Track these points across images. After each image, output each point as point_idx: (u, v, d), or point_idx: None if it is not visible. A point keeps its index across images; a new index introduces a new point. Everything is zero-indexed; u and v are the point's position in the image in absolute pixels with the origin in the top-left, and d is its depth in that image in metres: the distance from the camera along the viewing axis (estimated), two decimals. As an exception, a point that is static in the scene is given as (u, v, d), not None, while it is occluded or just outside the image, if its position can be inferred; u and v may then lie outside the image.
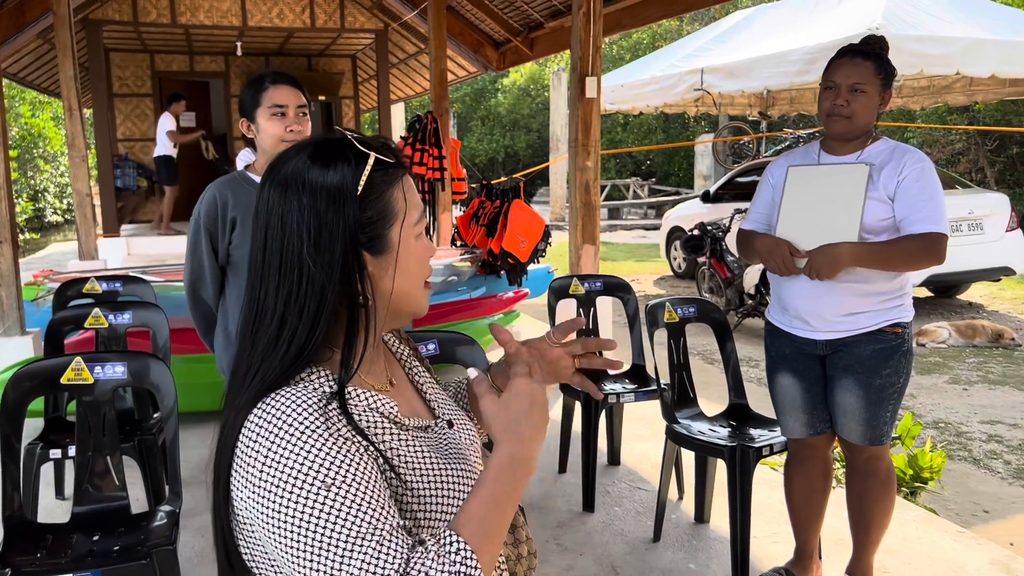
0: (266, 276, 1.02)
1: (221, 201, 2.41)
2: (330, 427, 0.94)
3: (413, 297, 1.08)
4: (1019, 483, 4.12)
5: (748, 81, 8.40)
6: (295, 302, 0.99)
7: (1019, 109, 13.56)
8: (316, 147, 1.04)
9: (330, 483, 0.90)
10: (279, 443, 0.92)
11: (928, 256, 2.35)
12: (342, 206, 0.99)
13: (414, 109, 21.92)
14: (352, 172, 1.01)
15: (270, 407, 0.95)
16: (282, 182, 1.02)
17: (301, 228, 0.99)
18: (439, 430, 1.13)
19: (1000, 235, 7.83)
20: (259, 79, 2.42)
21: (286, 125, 2.38)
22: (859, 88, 2.38)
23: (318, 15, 9.96)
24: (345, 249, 0.99)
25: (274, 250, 1.01)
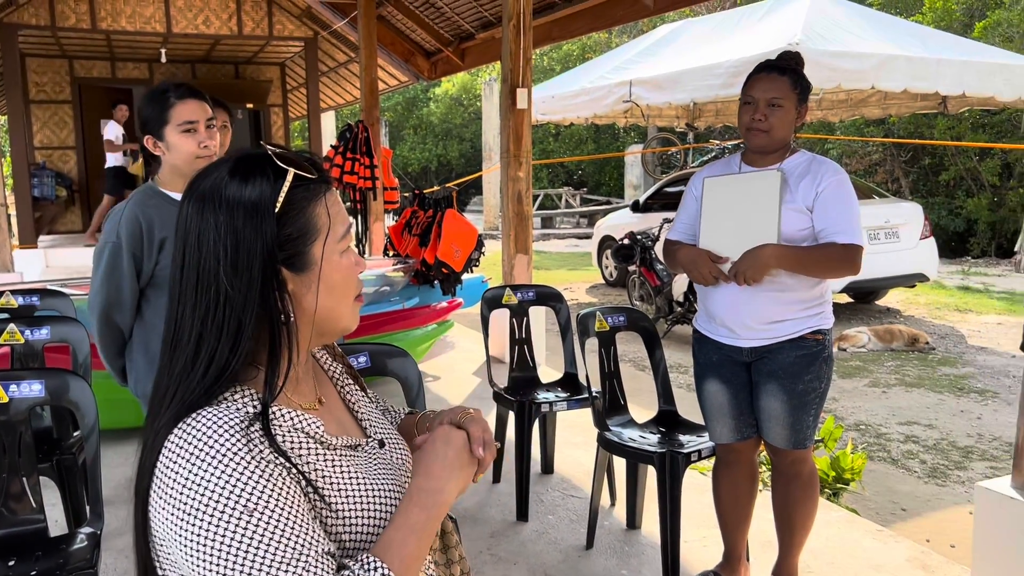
0: (184, 295, 0.99)
1: (146, 223, 2.32)
2: (252, 449, 0.91)
3: (340, 314, 1.07)
4: (934, 482, 4.29)
5: (675, 93, 8.57)
6: (212, 322, 0.97)
7: (930, 122, 14.17)
8: (236, 163, 1.02)
9: (252, 507, 0.88)
10: (198, 465, 0.89)
11: (846, 266, 2.45)
12: (259, 223, 0.97)
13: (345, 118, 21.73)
14: (271, 188, 0.99)
15: (190, 428, 0.92)
16: (200, 198, 1.00)
17: (217, 246, 0.97)
18: (370, 449, 1.12)
19: (915, 243, 8.16)
20: (163, 94, 2.33)
21: (198, 141, 2.32)
22: (776, 103, 2.46)
23: (245, 22, 9.80)
24: (263, 267, 0.97)
25: (191, 268, 0.99)
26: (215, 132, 2.38)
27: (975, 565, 2.75)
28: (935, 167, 15.11)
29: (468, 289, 6.18)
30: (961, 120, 13.71)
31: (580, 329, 3.30)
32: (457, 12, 8.45)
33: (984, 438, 4.91)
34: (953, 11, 14.71)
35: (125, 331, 2.43)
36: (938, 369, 6.51)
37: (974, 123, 13.93)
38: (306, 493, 0.96)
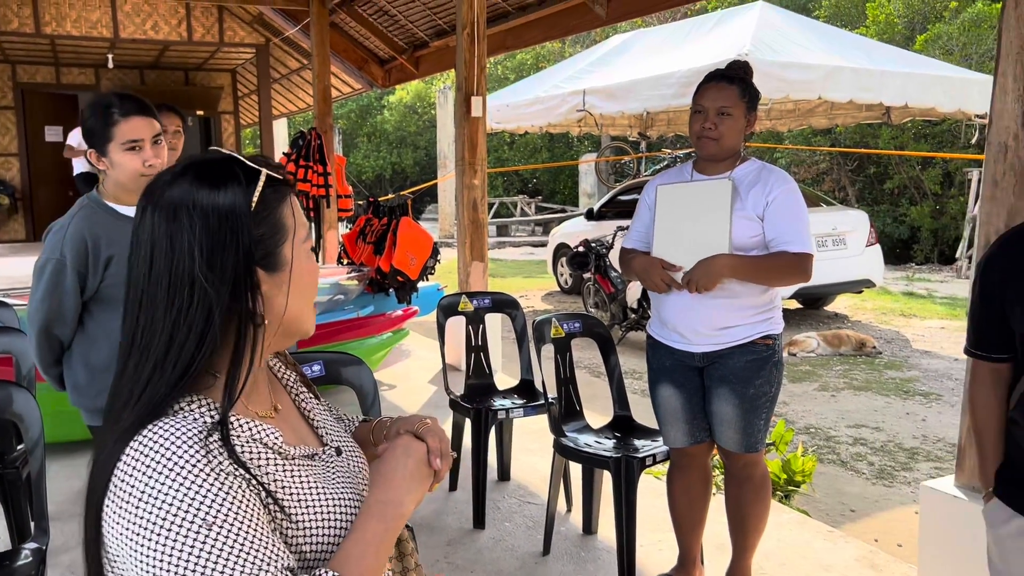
0: (152, 300, 0.97)
1: (92, 240, 2.26)
2: (211, 461, 0.90)
3: (304, 316, 1.08)
4: (882, 483, 4.39)
5: (628, 103, 8.66)
6: (184, 320, 0.96)
7: (875, 132, 14.55)
8: (199, 168, 1.01)
9: (211, 521, 0.87)
10: (155, 478, 0.88)
11: (797, 274, 2.51)
12: (236, 223, 0.98)
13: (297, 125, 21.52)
14: (243, 190, 0.99)
15: (147, 439, 0.91)
16: (169, 206, 0.99)
17: (193, 246, 0.96)
18: (327, 458, 1.11)
19: (861, 250, 8.36)
20: (106, 108, 2.26)
21: (144, 159, 2.26)
22: (725, 111, 2.51)
23: (195, 28, 9.67)
24: (238, 266, 0.98)
25: (162, 271, 0.97)
26: (162, 148, 2.32)
27: (921, 563, 2.82)
28: (880, 176, 15.51)
29: (424, 297, 6.16)
30: (904, 130, 14.10)
31: (536, 336, 3.31)
32: (411, 20, 8.45)
33: (929, 439, 5.04)
34: (895, 24, 15.13)
35: (65, 342, 2.38)
36: (885, 373, 6.67)
37: (916, 133, 14.33)
38: (266, 505, 0.95)
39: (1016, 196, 2.50)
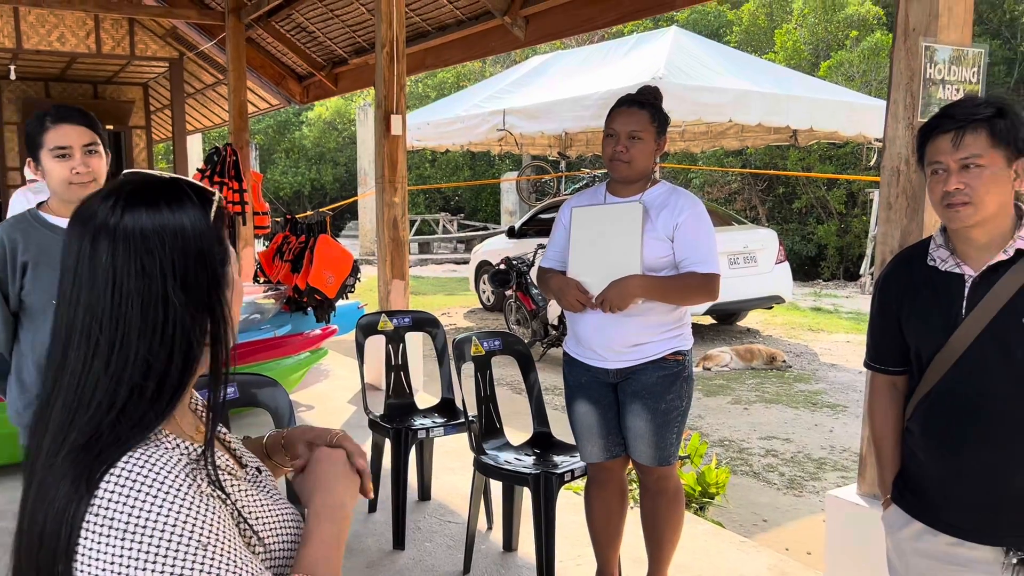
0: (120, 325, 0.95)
1: (10, 246, 2.24)
2: (193, 484, 0.91)
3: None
4: (792, 492, 4.55)
5: (547, 123, 8.80)
6: (162, 346, 0.95)
7: (783, 154, 15.13)
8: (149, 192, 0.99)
9: (206, 542, 0.88)
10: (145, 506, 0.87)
11: (705, 293, 2.61)
12: (204, 245, 0.98)
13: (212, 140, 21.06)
14: (201, 212, 1.00)
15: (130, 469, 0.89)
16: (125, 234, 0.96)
17: (165, 268, 0.95)
18: (251, 476, 1.11)
19: (771, 267, 8.65)
20: (41, 117, 2.27)
21: (71, 167, 2.25)
22: (636, 135, 2.59)
23: (105, 40, 9.39)
24: (210, 287, 0.99)
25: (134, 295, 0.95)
26: (94, 158, 2.30)
27: (828, 568, 2.93)
28: (788, 196, 16.11)
29: (343, 316, 6.09)
30: (811, 152, 14.70)
31: (456, 354, 3.33)
32: (330, 37, 8.40)
33: (836, 450, 5.24)
34: (802, 51, 15.79)
35: (5, 352, 2.34)
36: (794, 386, 6.90)
37: (822, 155, 14.96)
38: (237, 524, 0.97)
39: (908, 218, 2.64)
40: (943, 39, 2.56)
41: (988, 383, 1.72)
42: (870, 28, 15.39)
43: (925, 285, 1.82)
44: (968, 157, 1.68)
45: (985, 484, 1.74)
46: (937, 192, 1.74)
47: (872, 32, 15.08)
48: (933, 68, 2.55)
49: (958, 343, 1.74)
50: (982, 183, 1.68)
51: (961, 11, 2.58)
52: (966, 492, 1.76)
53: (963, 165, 1.69)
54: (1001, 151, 1.68)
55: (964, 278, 1.76)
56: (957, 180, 1.69)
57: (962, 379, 1.75)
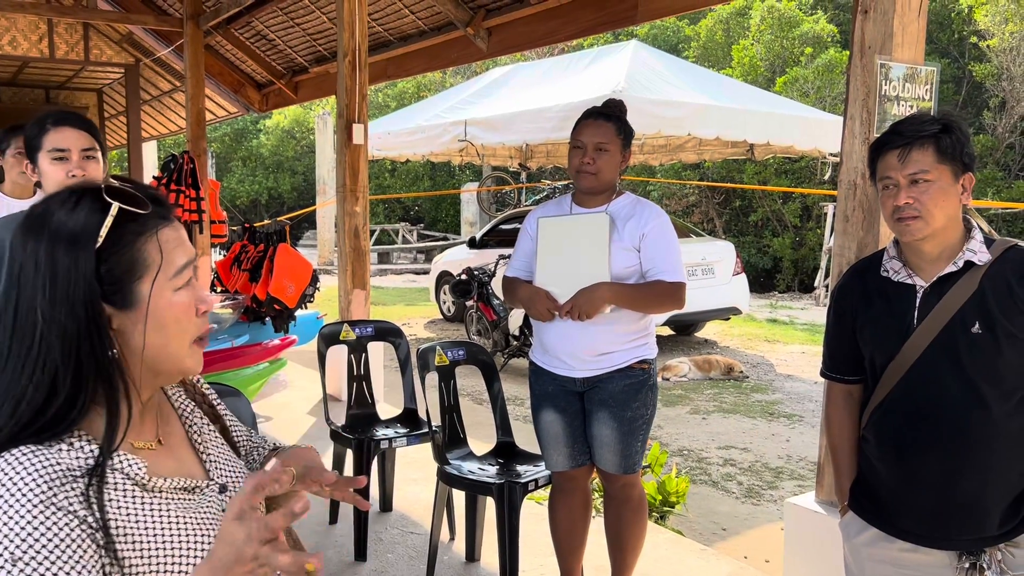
0: (5, 329, 0.94)
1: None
2: (46, 493, 0.88)
3: (173, 353, 1.03)
4: (750, 501, 4.61)
5: (508, 134, 8.83)
6: (27, 359, 0.92)
7: (740, 167, 15.38)
8: (68, 193, 0.99)
9: (18, 556, 0.84)
10: None
11: (672, 301, 2.64)
12: (78, 256, 0.94)
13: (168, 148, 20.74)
14: (95, 220, 0.96)
15: None
16: (27, 226, 0.96)
17: (37, 278, 0.93)
18: (208, 492, 1.08)
19: (728, 279, 8.78)
20: (42, 119, 2.28)
21: (67, 170, 2.25)
22: (603, 147, 2.62)
23: (58, 45, 9.20)
24: (84, 302, 0.94)
25: (11, 300, 0.94)
26: (92, 163, 2.30)
27: (786, 575, 2.98)
28: (745, 209, 16.38)
29: (302, 326, 6.03)
30: (767, 166, 14.97)
31: (420, 364, 3.32)
32: (290, 45, 8.34)
33: (792, 459, 5.33)
34: (758, 67, 16.09)
35: None
36: (751, 396, 7.00)
37: (778, 169, 15.24)
38: (100, 545, 0.92)
39: (864, 231, 2.71)
40: (897, 57, 2.63)
41: (939, 391, 1.76)
42: (824, 45, 15.75)
43: (879, 295, 1.87)
44: (916, 172, 1.74)
45: (937, 490, 1.78)
46: (888, 206, 1.79)
47: (826, 49, 15.43)
48: (888, 85, 2.62)
49: (910, 352, 1.78)
50: (930, 197, 1.73)
51: (915, 30, 2.66)
52: (919, 498, 1.81)
53: (911, 180, 1.74)
54: (948, 166, 1.74)
55: (916, 289, 1.81)
56: (906, 195, 1.74)
57: (914, 387, 1.79)
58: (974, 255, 1.76)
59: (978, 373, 1.72)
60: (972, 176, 1.78)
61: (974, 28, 14.88)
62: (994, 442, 1.73)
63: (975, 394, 1.73)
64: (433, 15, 6.62)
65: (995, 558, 1.76)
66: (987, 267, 1.75)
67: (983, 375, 1.72)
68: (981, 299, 1.73)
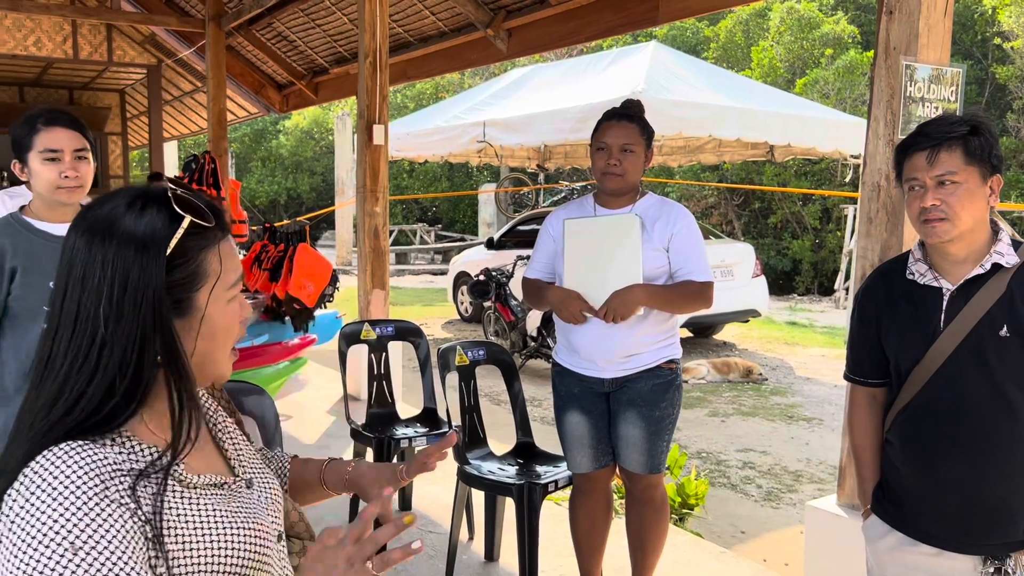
0: (61, 328, 0.96)
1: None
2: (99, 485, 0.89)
3: (216, 361, 1.06)
4: (769, 504, 4.58)
5: (526, 136, 8.84)
6: (84, 363, 0.94)
7: (760, 169, 15.30)
8: (133, 198, 0.99)
9: (79, 546, 0.86)
10: (37, 496, 0.87)
11: (703, 301, 2.66)
12: (148, 265, 0.96)
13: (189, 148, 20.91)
14: (166, 230, 0.98)
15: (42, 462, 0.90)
16: (89, 230, 0.97)
17: (102, 284, 0.94)
18: (236, 488, 1.10)
19: (747, 281, 8.73)
20: (32, 119, 2.26)
21: (60, 171, 2.23)
22: (628, 148, 2.62)
23: (82, 46, 9.30)
24: (149, 311, 0.96)
25: (72, 301, 0.95)
26: (84, 164, 2.29)
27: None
28: (764, 211, 16.29)
29: (321, 325, 6.06)
30: (786, 168, 14.88)
31: (441, 363, 3.33)
32: (311, 46, 8.39)
33: (812, 462, 5.29)
34: (778, 68, 16.01)
35: None
36: (770, 399, 6.97)
37: (798, 171, 15.15)
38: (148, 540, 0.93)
39: (888, 232, 2.69)
40: (923, 58, 2.62)
41: (966, 395, 1.75)
42: (845, 47, 15.65)
43: (904, 298, 1.85)
44: (943, 174, 1.72)
45: (963, 494, 1.77)
46: (914, 208, 1.78)
47: (847, 50, 15.33)
48: (913, 86, 2.60)
49: (936, 355, 1.77)
50: (957, 199, 1.71)
51: (940, 31, 2.65)
52: (944, 503, 1.80)
53: (939, 182, 1.73)
54: (976, 168, 1.72)
55: (942, 291, 1.79)
56: (933, 196, 1.73)
57: (940, 391, 1.78)
58: (1002, 257, 1.75)
59: (1006, 377, 1.71)
60: (1000, 178, 1.77)
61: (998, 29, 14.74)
62: (1021, 446, 1.72)
63: (1003, 398, 1.71)
64: (453, 16, 6.64)
65: (1020, 563, 1.74)
66: (1015, 270, 1.74)
67: (1011, 379, 1.71)
68: (1010, 302, 1.72)
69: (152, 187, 1.03)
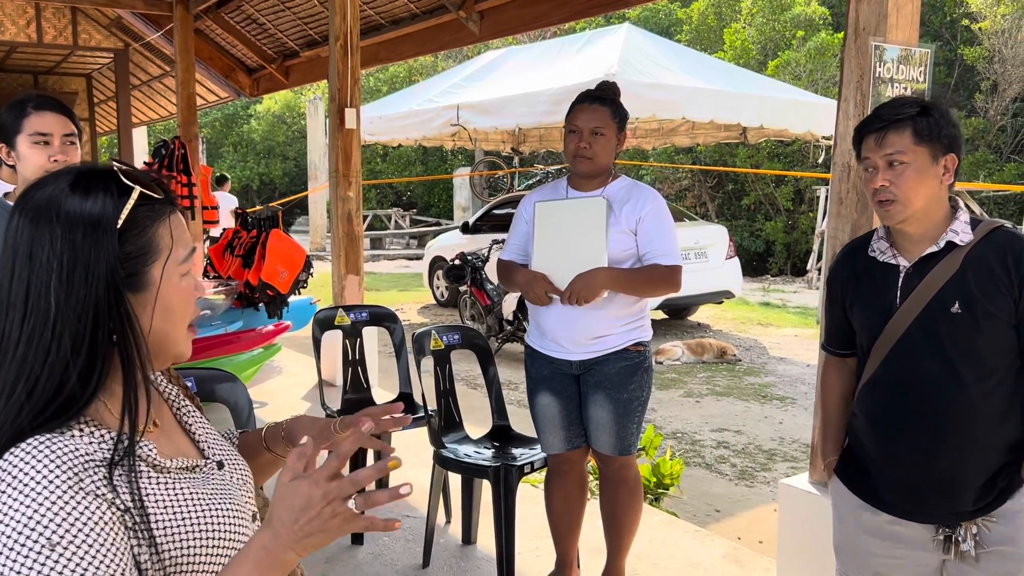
0: (11, 310, 0.94)
1: None
2: (74, 478, 0.89)
3: (173, 339, 1.05)
4: (743, 483, 4.64)
5: (501, 119, 8.80)
6: (39, 342, 0.93)
7: (733, 151, 15.37)
8: (78, 176, 0.98)
9: (56, 541, 0.85)
10: (10, 494, 0.86)
11: (670, 285, 2.66)
12: (100, 239, 0.95)
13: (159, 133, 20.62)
14: (113, 204, 0.97)
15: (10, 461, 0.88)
16: (35, 209, 0.96)
17: (52, 261, 0.93)
18: (208, 470, 1.10)
19: (721, 263, 8.79)
20: (21, 103, 2.26)
21: (49, 155, 2.24)
22: (599, 131, 2.62)
23: (46, 30, 9.12)
24: (102, 285, 0.95)
25: (20, 282, 0.94)
26: (73, 148, 2.30)
27: (779, 555, 3.00)
28: (737, 192, 16.38)
29: (296, 311, 6.03)
30: (759, 150, 14.96)
31: (416, 348, 3.32)
32: (281, 29, 8.28)
33: (785, 441, 5.36)
34: (750, 50, 16.05)
35: None
36: (744, 379, 7.03)
37: (770, 153, 15.24)
38: (130, 528, 0.93)
39: (858, 213, 2.72)
40: (892, 39, 2.63)
41: (919, 370, 1.79)
42: (816, 28, 15.72)
43: (866, 275, 1.90)
44: (892, 154, 1.76)
45: (916, 466, 1.82)
46: (870, 189, 1.82)
47: (818, 32, 15.40)
48: (882, 67, 2.62)
49: (893, 331, 1.82)
50: (905, 180, 1.75)
51: (909, 12, 2.66)
52: (900, 473, 1.85)
53: (888, 162, 1.76)
54: (926, 148, 1.75)
55: (899, 269, 1.84)
56: (883, 177, 1.77)
57: (897, 366, 1.83)
58: (956, 236, 1.78)
59: (957, 353, 1.75)
60: (955, 157, 1.79)
61: (966, 10, 14.87)
62: (972, 421, 1.76)
63: (954, 373, 1.76)
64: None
65: (970, 532, 1.79)
66: (969, 247, 1.77)
67: (961, 355, 1.75)
68: (962, 279, 1.75)
69: (94, 165, 1.02)
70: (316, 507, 0.89)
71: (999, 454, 1.78)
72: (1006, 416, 1.77)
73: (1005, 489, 1.78)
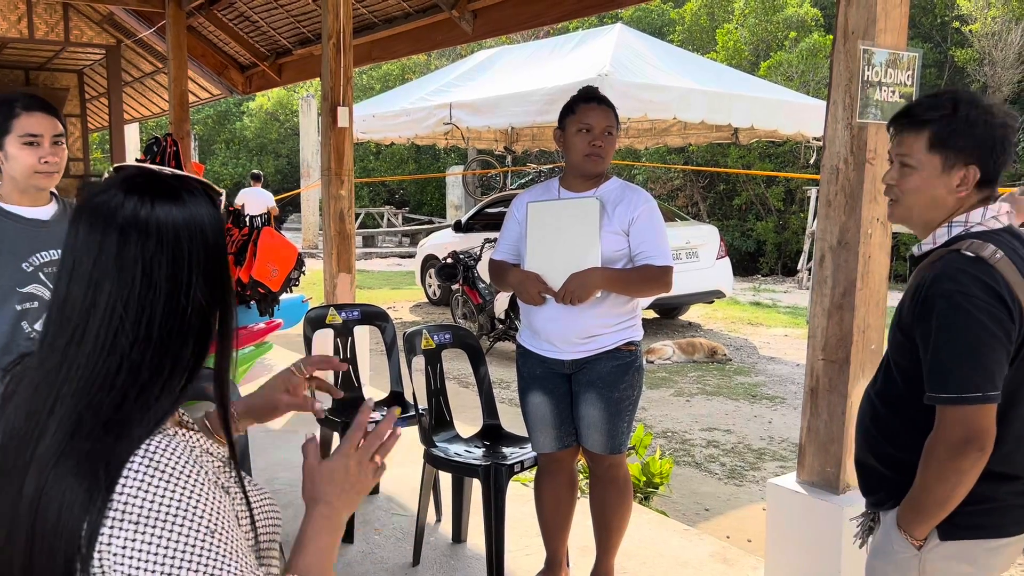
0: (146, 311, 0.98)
1: None
2: (200, 471, 0.96)
3: None
4: (733, 482, 4.66)
5: (494, 118, 8.80)
6: (181, 333, 1.00)
7: (724, 151, 15.41)
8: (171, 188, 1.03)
9: (213, 528, 0.93)
10: (167, 495, 0.93)
11: (661, 285, 2.68)
12: (219, 237, 1.04)
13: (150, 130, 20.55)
14: (214, 205, 1.05)
15: (150, 461, 0.93)
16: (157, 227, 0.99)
17: (192, 261, 1.00)
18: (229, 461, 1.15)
19: (712, 262, 8.82)
20: (9, 103, 2.25)
21: (40, 156, 2.24)
22: (610, 131, 2.67)
23: (38, 26, 9.07)
24: (224, 277, 1.04)
25: (163, 284, 0.99)
26: (61, 149, 2.30)
27: (767, 554, 3.02)
28: (729, 192, 16.43)
29: (287, 309, 6.02)
30: (751, 150, 15.01)
31: (407, 347, 3.34)
32: (274, 27, 8.27)
33: (775, 440, 5.39)
34: (742, 51, 16.10)
35: None
36: (734, 378, 7.07)
37: (762, 153, 15.29)
38: (238, 514, 1.02)
39: (847, 215, 2.74)
40: (880, 43, 2.66)
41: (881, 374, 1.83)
42: (808, 30, 15.78)
43: None
44: (903, 156, 1.71)
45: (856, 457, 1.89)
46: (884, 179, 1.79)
47: (810, 33, 15.46)
48: (871, 70, 2.64)
49: None
50: (909, 185, 1.70)
51: (897, 15, 2.68)
52: None
53: (901, 163, 1.72)
54: (939, 156, 1.66)
55: None
56: (891, 175, 1.74)
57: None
58: (919, 250, 1.74)
59: (892, 359, 1.77)
60: (977, 169, 1.65)
61: (957, 13, 14.94)
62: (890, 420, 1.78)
63: (891, 382, 1.78)
64: (418, -3, 6.57)
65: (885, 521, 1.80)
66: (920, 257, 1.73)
67: (896, 363, 1.76)
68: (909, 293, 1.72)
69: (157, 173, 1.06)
70: (354, 473, 1.12)
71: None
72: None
73: None
